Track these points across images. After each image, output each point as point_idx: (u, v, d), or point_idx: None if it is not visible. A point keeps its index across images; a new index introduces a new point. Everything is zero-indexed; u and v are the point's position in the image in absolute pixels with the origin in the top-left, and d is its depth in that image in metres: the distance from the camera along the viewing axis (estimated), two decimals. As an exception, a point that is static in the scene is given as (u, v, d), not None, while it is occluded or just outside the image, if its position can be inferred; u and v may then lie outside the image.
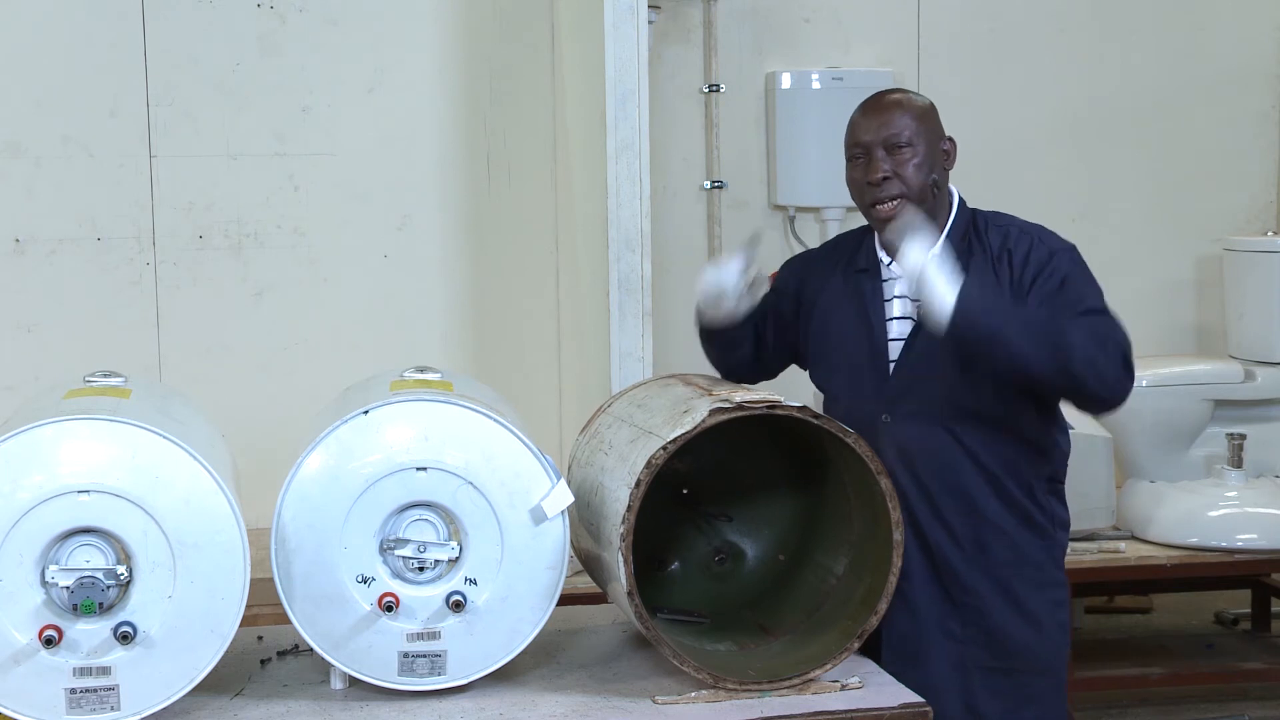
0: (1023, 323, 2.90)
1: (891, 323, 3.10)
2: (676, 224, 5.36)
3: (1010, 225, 3.11)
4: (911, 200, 3.05)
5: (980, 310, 2.87)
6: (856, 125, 3.13)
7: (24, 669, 2.54)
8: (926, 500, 3.04)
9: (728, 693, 2.74)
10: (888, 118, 3.08)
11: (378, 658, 2.73)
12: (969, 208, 3.16)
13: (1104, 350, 2.90)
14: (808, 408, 2.78)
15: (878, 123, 3.08)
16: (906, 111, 3.09)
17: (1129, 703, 5.17)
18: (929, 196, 3.08)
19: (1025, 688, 3.08)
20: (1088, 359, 2.88)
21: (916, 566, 3.03)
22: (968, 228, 3.11)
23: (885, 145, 3.06)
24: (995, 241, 3.08)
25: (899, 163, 3.06)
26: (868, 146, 3.09)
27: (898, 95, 3.16)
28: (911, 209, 3.02)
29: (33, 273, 4.95)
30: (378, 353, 4.89)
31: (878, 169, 3.06)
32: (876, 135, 3.07)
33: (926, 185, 3.08)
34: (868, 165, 3.08)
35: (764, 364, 3.34)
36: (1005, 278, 3.03)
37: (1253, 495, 5.03)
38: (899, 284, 3.09)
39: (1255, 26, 5.86)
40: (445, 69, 5.18)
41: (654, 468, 2.71)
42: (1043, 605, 3.09)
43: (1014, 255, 3.05)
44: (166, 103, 4.97)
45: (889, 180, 3.06)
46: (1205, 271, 5.81)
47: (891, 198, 3.06)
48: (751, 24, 5.44)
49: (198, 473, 2.58)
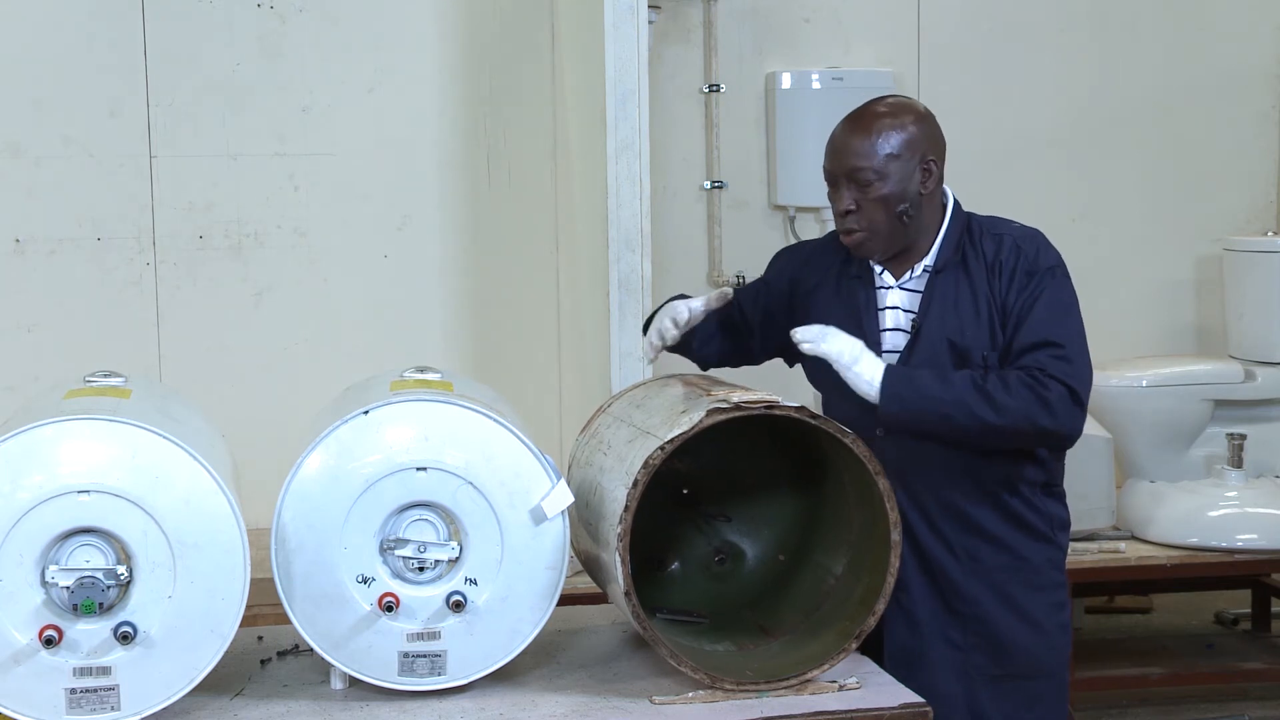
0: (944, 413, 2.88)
1: (885, 334, 3.06)
2: (676, 224, 5.37)
3: (1005, 234, 3.05)
4: (873, 233, 2.99)
5: (900, 409, 2.88)
6: (829, 149, 3.03)
7: (24, 669, 2.54)
8: (922, 514, 3.02)
9: (725, 693, 2.74)
10: (858, 146, 2.96)
11: (378, 658, 2.73)
12: (965, 213, 3.11)
13: (1039, 401, 2.87)
14: (806, 408, 2.78)
15: (847, 151, 2.98)
16: (879, 136, 2.96)
17: (1129, 703, 5.17)
18: (899, 225, 3.00)
19: (1029, 691, 3.07)
20: (1022, 418, 2.87)
21: (915, 580, 3.03)
22: (962, 236, 3.06)
23: (850, 176, 2.98)
24: (990, 250, 3.02)
25: (864, 195, 2.98)
26: (832, 175, 3.02)
27: (876, 118, 3.00)
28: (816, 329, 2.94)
29: (33, 273, 4.95)
30: (378, 353, 4.89)
31: (842, 201, 3.00)
32: (840, 165, 2.99)
33: (892, 218, 2.99)
34: (834, 194, 3.02)
35: (744, 354, 3.30)
36: (998, 290, 2.99)
37: (1253, 495, 5.03)
38: (892, 294, 3.08)
39: (1255, 26, 5.86)
40: (445, 69, 5.18)
41: (651, 468, 2.71)
42: (1043, 608, 3.08)
43: (1002, 270, 3.00)
44: (166, 103, 4.98)
45: (852, 214, 2.99)
46: (1205, 271, 5.81)
47: (854, 230, 3.00)
48: (751, 24, 5.44)
49: (198, 473, 2.58)
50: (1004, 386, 2.89)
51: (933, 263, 3.05)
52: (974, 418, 2.88)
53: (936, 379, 2.92)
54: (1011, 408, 2.88)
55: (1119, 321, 5.71)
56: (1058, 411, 2.89)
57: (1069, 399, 2.90)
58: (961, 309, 3.01)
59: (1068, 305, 2.99)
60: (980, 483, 3.02)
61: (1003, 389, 2.89)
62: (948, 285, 3.03)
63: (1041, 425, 2.90)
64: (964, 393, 2.89)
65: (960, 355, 2.99)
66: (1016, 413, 2.88)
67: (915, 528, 3.01)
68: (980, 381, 2.90)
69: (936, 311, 3.03)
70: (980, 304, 3.01)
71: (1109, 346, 5.54)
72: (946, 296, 3.03)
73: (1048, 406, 2.89)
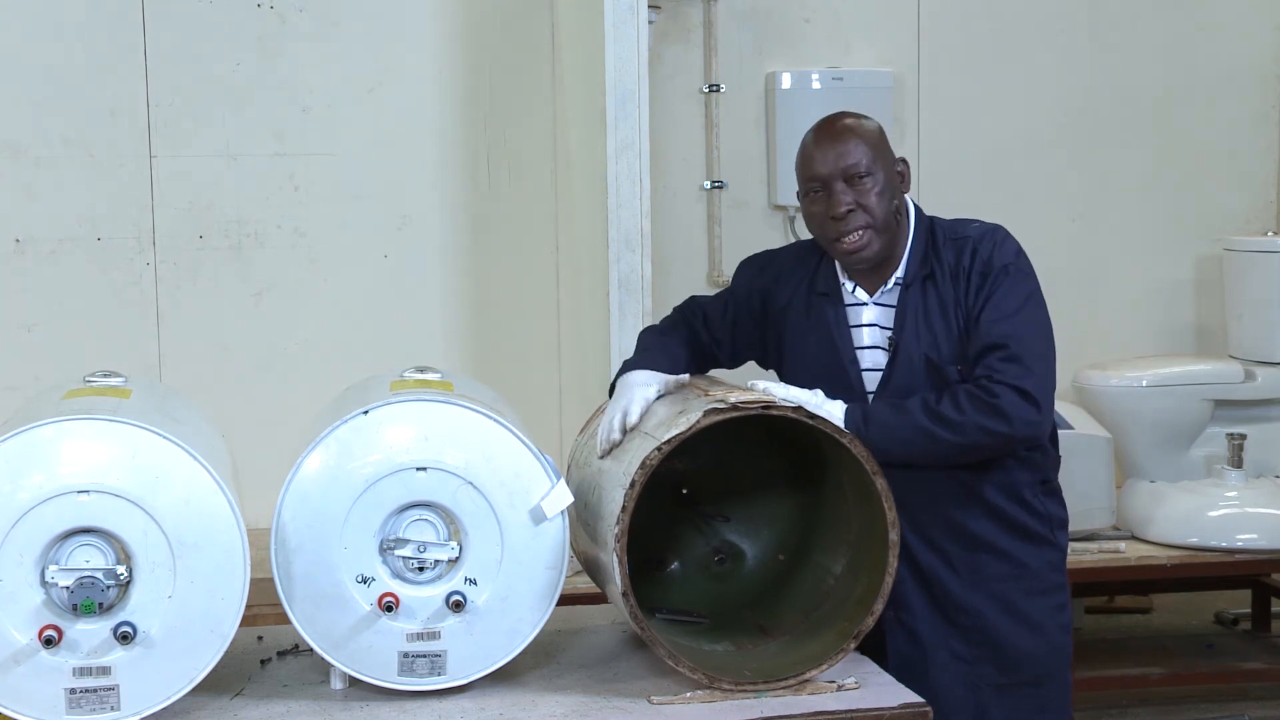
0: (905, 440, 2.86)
1: (862, 352, 3.05)
2: (676, 224, 5.36)
3: (965, 239, 3.02)
4: (876, 230, 2.97)
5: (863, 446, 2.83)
6: (811, 158, 3.00)
7: (24, 669, 2.54)
8: (916, 530, 3.00)
9: (723, 693, 2.74)
10: (844, 147, 2.96)
11: (378, 658, 2.73)
12: (927, 218, 3.08)
13: (990, 411, 2.85)
14: (803, 408, 2.78)
15: (834, 153, 2.97)
16: (861, 139, 2.98)
17: (1129, 703, 5.17)
18: (893, 224, 3.01)
19: (1036, 698, 3.07)
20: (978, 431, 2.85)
21: (914, 597, 3.02)
22: (927, 245, 3.03)
23: (845, 177, 2.97)
24: (951, 258, 3.01)
25: (860, 193, 2.96)
26: (825, 179, 2.98)
27: (849, 121, 3.01)
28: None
29: (33, 273, 4.95)
30: (378, 353, 4.89)
31: (839, 202, 2.96)
32: (835, 166, 2.97)
33: (890, 213, 2.99)
34: (828, 200, 2.98)
35: (718, 362, 3.25)
36: (962, 297, 2.97)
37: (1253, 495, 5.03)
38: (867, 310, 3.06)
39: (1255, 26, 5.86)
40: (445, 69, 5.18)
41: (648, 468, 2.71)
42: (1045, 611, 3.07)
43: (964, 275, 2.98)
44: (166, 103, 4.98)
45: (853, 213, 2.96)
46: (1205, 271, 5.81)
47: (856, 229, 2.97)
48: (751, 24, 5.44)
49: (198, 473, 2.58)
50: (954, 405, 2.87)
51: (902, 274, 3.03)
52: (934, 441, 2.87)
53: (892, 410, 2.91)
54: (965, 424, 2.86)
55: (1119, 321, 5.72)
56: (1011, 416, 2.87)
57: (1019, 400, 2.87)
58: (933, 323, 3.00)
59: (1018, 303, 2.95)
60: (976, 494, 3.01)
61: (954, 408, 2.87)
62: (917, 299, 3.02)
63: (1000, 432, 2.87)
64: (919, 418, 2.88)
65: (936, 371, 2.98)
66: (972, 427, 2.86)
67: (913, 546, 3.00)
68: (933, 404, 2.88)
69: (911, 327, 3.01)
70: (950, 315, 2.99)
71: (1109, 346, 5.56)
72: (918, 311, 3.01)
73: (999, 414, 2.86)
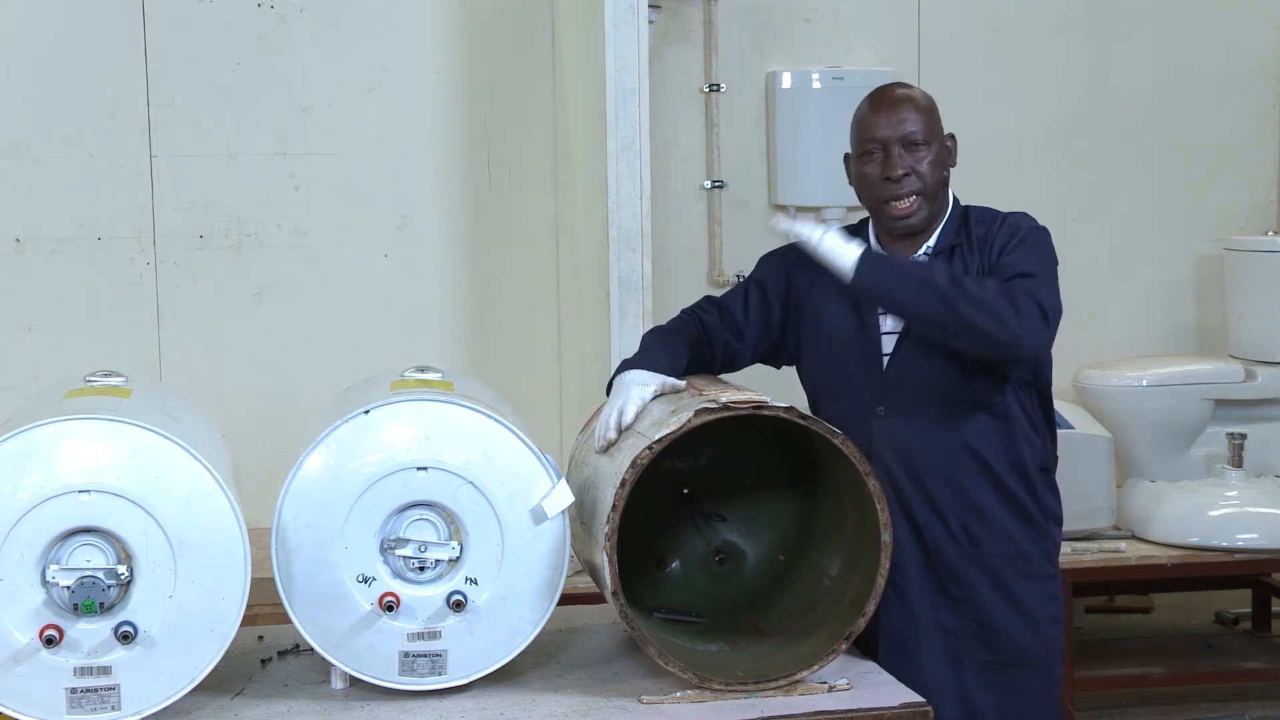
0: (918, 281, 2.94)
1: (885, 318, 3.09)
2: (676, 224, 5.36)
3: (995, 218, 3.14)
4: (926, 197, 3.08)
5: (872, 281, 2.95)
6: (870, 121, 3.12)
7: (24, 669, 2.54)
8: (922, 494, 3.04)
9: (714, 693, 2.74)
10: (904, 115, 3.09)
11: (378, 657, 2.73)
12: (962, 205, 3.18)
13: (1010, 305, 2.90)
14: (795, 408, 2.78)
15: (895, 119, 3.09)
16: (919, 108, 3.11)
17: (1129, 703, 5.17)
18: (940, 193, 3.12)
19: (1019, 681, 3.09)
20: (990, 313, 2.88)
21: (911, 560, 3.04)
22: (960, 224, 3.13)
23: (903, 142, 3.08)
24: (980, 234, 3.10)
25: (916, 160, 3.08)
26: (885, 142, 3.09)
27: (908, 90, 3.17)
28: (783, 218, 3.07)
29: (33, 273, 4.95)
30: (378, 353, 4.89)
31: (896, 165, 3.07)
32: (895, 131, 3.08)
33: (939, 183, 3.11)
34: (885, 161, 3.09)
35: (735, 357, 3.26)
36: (988, 254, 3.05)
37: (1253, 495, 5.03)
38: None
39: (1255, 26, 5.85)
40: (445, 69, 5.18)
41: (639, 467, 2.71)
42: (1035, 598, 3.09)
43: (992, 242, 3.07)
44: (166, 103, 4.98)
45: (908, 177, 3.07)
46: (1205, 271, 5.81)
47: (909, 194, 3.07)
48: (751, 24, 5.44)
49: (198, 472, 2.58)
50: (978, 283, 2.94)
51: (934, 244, 3.11)
52: (945, 302, 2.90)
53: (914, 263, 3.03)
54: (982, 300, 2.90)
55: (1119, 321, 5.71)
56: (1024, 319, 2.91)
57: (1038, 314, 2.93)
58: None
59: (1047, 256, 3.05)
60: (982, 461, 3.04)
61: (976, 284, 2.93)
62: (944, 264, 3.07)
63: (1007, 323, 2.89)
64: (939, 277, 2.94)
65: None
66: (986, 306, 2.89)
67: (916, 509, 3.04)
68: (958, 273, 2.97)
69: None
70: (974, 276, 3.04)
71: (1109, 346, 5.55)
72: None
73: (1017, 311, 2.91)
